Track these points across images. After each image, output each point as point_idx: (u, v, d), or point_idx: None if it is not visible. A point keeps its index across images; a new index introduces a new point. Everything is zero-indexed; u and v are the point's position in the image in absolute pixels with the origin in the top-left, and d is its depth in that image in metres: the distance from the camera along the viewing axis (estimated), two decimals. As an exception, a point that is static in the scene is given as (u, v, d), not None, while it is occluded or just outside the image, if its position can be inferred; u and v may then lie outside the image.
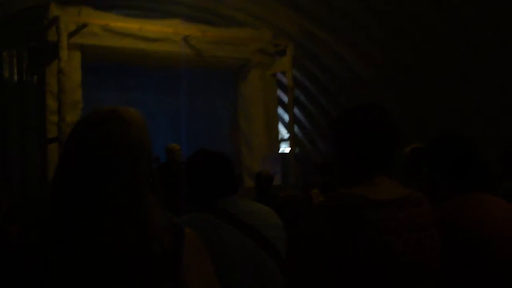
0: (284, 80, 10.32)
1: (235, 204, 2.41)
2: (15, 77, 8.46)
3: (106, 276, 1.33)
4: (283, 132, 12.34)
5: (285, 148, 11.39)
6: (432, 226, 1.87)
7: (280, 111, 11.62)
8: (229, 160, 2.56)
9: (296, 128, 11.29)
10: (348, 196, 1.79)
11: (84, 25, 7.88)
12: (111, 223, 1.36)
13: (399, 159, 3.63)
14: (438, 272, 1.86)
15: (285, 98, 10.85)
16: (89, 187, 1.38)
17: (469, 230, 2.17)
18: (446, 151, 2.35)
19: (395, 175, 1.93)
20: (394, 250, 1.72)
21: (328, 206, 1.79)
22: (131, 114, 1.48)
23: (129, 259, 1.34)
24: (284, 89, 10.64)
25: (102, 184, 1.38)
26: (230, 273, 2.09)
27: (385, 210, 1.77)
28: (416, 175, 3.84)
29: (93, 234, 1.34)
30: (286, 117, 11.36)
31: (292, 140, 10.26)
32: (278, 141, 10.67)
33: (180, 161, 7.42)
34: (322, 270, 1.75)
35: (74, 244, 1.34)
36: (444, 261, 1.89)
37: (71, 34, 7.71)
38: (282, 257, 2.37)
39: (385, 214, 1.76)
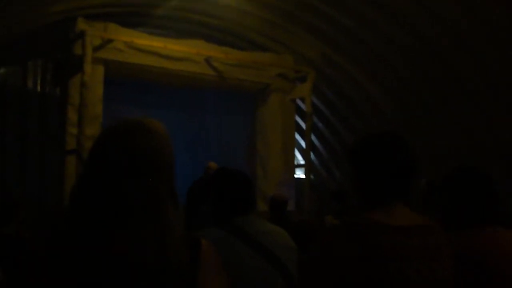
0: (303, 106, 10.35)
1: (252, 223, 2.43)
2: (38, 88, 8.59)
3: (122, 284, 1.34)
4: (299, 158, 12.33)
5: (300, 174, 11.36)
6: (447, 256, 1.86)
7: (297, 136, 11.63)
8: (249, 180, 2.59)
9: (312, 155, 11.27)
10: (362, 220, 1.80)
11: (109, 41, 8.00)
12: (131, 233, 1.36)
13: (416, 191, 3.62)
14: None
15: (302, 124, 10.86)
16: (110, 197, 1.39)
17: (482, 264, 2.15)
18: (464, 183, 2.35)
19: (411, 206, 1.93)
20: (406, 276, 1.72)
21: (342, 229, 1.80)
22: (155, 126, 1.50)
23: (148, 270, 1.35)
24: (302, 115, 10.66)
25: (123, 194, 1.39)
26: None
27: (399, 237, 1.77)
28: (431, 206, 3.84)
29: (110, 244, 1.35)
30: (302, 143, 11.35)
31: (308, 166, 10.25)
32: (294, 167, 10.66)
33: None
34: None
35: (90, 252, 1.35)
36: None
37: (96, 49, 7.82)
38: (293, 279, 2.37)
39: (398, 240, 1.76)
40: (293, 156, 10.73)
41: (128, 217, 1.38)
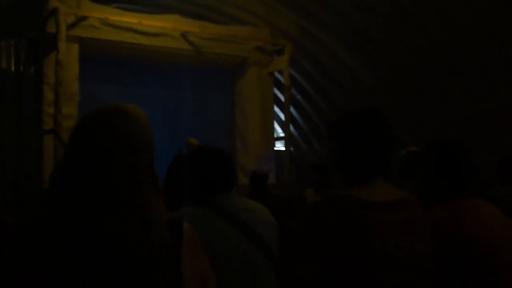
0: (281, 79, 10.34)
1: (231, 201, 2.44)
2: (12, 68, 8.44)
3: (108, 269, 1.35)
4: (279, 131, 12.36)
5: (280, 147, 11.40)
6: (426, 230, 1.89)
7: (276, 109, 11.64)
8: (229, 157, 2.59)
9: (291, 127, 11.31)
10: (343, 197, 1.81)
11: (83, 18, 7.88)
12: (113, 216, 1.38)
13: (395, 162, 3.65)
14: (431, 276, 1.88)
15: (281, 97, 10.87)
16: (92, 181, 1.40)
17: (461, 235, 2.18)
18: (441, 155, 2.37)
19: (390, 178, 1.95)
20: (387, 251, 1.74)
21: (323, 206, 1.81)
22: (134, 111, 1.51)
23: (131, 253, 1.36)
24: (281, 88, 10.66)
25: (104, 178, 1.40)
26: (223, 269, 2.10)
27: (379, 212, 1.79)
28: (410, 178, 3.87)
29: (95, 227, 1.37)
30: (282, 115, 11.38)
31: (288, 139, 10.30)
32: (273, 139, 10.70)
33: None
34: (314, 269, 1.77)
35: (75, 236, 1.36)
36: (437, 265, 1.91)
37: (70, 27, 7.71)
38: (274, 255, 2.39)
39: (379, 216, 1.78)
40: (273, 129, 10.77)
41: (110, 201, 1.39)
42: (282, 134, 11.62)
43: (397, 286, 1.77)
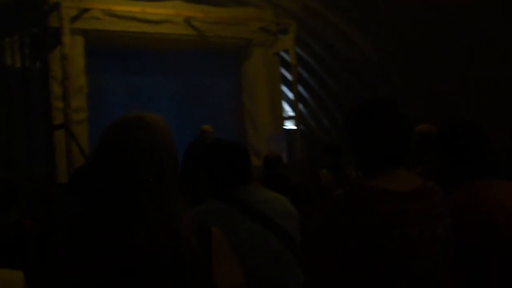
0: (288, 58, 10.29)
1: (251, 193, 2.44)
2: (18, 64, 8.43)
3: (136, 279, 1.36)
4: (288, 110, 12.34)
5: (289, 126, 11.40)
6: (446, 215, 1.89)
7: (284, 89, 11.60)
8: (244, 151, 2.59)
9: (300, 106, 11.29)
10: (366, 188, 1.81)
11: (86, 10, 7.86)
12: (140, 226, 1.39)
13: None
14: (452, 260, 1.89)
15: (289, 76, 10.83)
16: (118, 192, 1.42)
17: (482, 217, 2.19)
18: (463, 137, 2.36)
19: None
20: (410, 240, 1.75)
21: (347, 198, 1.81)
22: (156, 120, 1.52)
23: (159, 261, 1.37)
24: (288, 67, 10.61)
25: (130, 189, 1.41)
26: (251, 267, 2.12)
27: (402, 202, 1.79)
28: (423, 156, 3.87)
29: (122, 237, 1.38)
30: (290, 95, 11.34)
31: (297, 118, 10.29)
32: (283, 119, 10.70)
33: (208, 144, 7.50)
34: (340, 260, 1.78)
35: (103, 245, 1.38)
36: (458, 249, 1.92)
37: (73, 20, 7.70)
38: (297, 246, 2.40)
39: (402, 205, 1.79)
40: (281, 108, 10.75)
41: (138, 212, 1.41)
42: (291, 113, 11.60)
43: (420, 270, 1.78)
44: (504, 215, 2.18)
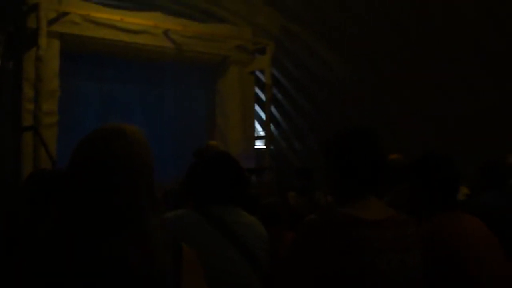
0: (263, 78, 10.36)
1: (229, 213, 2.45)
2: (-10, 63, 8.30)
3: None
4: (259, 130, 12.38)
5: (260, 145, 11.43)
6: (416, 246, 1.93)
7: (257, 108, 11.66)
8: (239, 172, 2.58)
9: (272, 126, 11.35)
10: (338, 215, 1.84)
11: (65, 14, 7.79)
12: (113, 238, 1.37)
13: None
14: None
15: (263, 96, 10.89)
16: (92, 203, 1.40)
17: (446, 249, 2.24)
18: (437, 171, 2.41)
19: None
20: (377, 269, 1.78)
21: (321, 224, 1.84)
22: (132, 132, 1.50)
23: (131, 275, 1.36)
24: (262, 87, 10.68)
25: (105, 201, 1.40)
26: (212, 281, 2.13)
27: (373, 230, 1.82)
28: (392, 186, 3.92)
29: (94, 249, 1.36)
30: (262, 114, 11.40)
31: (268, 138, 10.33)
32: (253, 138, 10.72)
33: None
34: (308, 284, 1.80)
35: (74, 258, 1.35)
36: (425, 277, 1.96)
37: (51, 22, 7.61)
38: (264, 269, 2.41)
39: (372, 234, 1.82)
40: (253, 127, 10.78)
41: (109, 224, 1.39)
42: (262, 133, 11.64)
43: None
44: (466, 247, 2.25)
